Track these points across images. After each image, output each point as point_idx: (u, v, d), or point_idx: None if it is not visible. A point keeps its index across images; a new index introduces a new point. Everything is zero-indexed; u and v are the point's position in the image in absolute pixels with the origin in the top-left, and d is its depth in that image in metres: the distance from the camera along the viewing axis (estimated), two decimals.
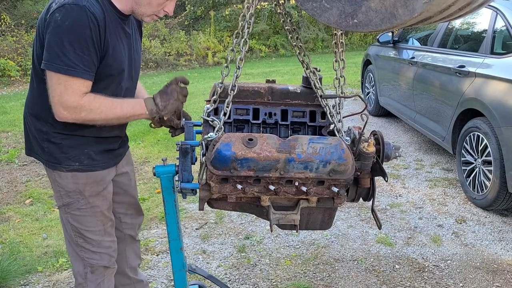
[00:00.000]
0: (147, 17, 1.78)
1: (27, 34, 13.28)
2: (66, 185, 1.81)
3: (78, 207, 1.84)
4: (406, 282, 2.91)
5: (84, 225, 1.86)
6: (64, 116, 1.65)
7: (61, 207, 1.87)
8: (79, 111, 1.64)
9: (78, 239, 1.89)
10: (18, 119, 7.32)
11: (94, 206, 1.86)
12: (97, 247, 1.91)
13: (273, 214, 1.69)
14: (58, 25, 1.58)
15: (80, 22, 1.57)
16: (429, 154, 5.29)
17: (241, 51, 1.69)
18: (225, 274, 2.99)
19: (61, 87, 1.61)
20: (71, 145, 1.78)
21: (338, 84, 1.83)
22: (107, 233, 1.94)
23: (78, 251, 1.91)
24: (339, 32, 1.77)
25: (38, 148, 1.82)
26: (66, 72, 1.59)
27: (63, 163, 1.78)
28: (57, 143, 1.77)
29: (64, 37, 1.57)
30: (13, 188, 4.47)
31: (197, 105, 7.45)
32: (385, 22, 1.29)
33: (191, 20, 16.85)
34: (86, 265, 1.92)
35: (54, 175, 1.82)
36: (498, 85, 3.69)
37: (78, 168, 1.79)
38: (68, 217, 1.86)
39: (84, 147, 1.79)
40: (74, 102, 1.62)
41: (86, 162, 1.80)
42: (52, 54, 1.59)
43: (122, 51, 1.78)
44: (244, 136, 1.56)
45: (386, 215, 3.82)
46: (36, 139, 1.80)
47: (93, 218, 1.87)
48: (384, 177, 1.69)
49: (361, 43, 16.51)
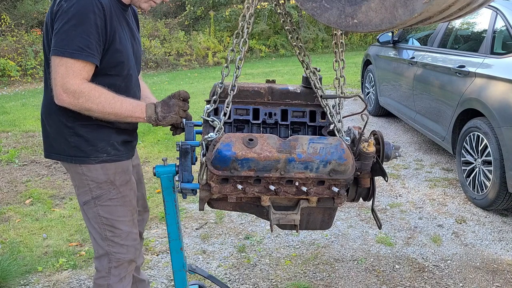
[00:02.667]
0: (145, 3, 1.83)
1: (27, 34, 13.29)
2: (97, 177, 1.83)
3: (109, 197, 1.87)
4: (406, 282, 2.91)
5: (115, 215, 1.90)
6: (62, 99, 1.65)
7: (89, 202, 1.88)
8: (78, 96, 1.64)
9: (107, 233, 1.91)
10: (18, 119, 7.32)
11: (124, 195, 1.90)
12: (125, 239, 1.94)
13: (273, 214, 1.69)
14: (63, 11, 1.62)
15: (84, 7, 1.62)
16: (429, 154, 5.29)
17: (241, 51, 1.70)
18: (225, 274, 3.00)
19: (63, 68, 1.62)
20: (97, 137, 1.81)
21: (338, 84, 1.83)
22: (135, 225, 1.98)
23: (105, 245, 1.93)
24: (339, 32, 1.77)
25: (62, 145, 1.82)
26: (69, 55, 1.61)
27: (92, 155, 1.81)
28: (84, 136, 1.79)
29: (68, 22, 1.61)
30: (13, 188, 4.47)
31: (197, 105, 7.45)
32: (385, 22, 1.30)
33: (191, 20, 16.86)
34: (112, 259, 1.94)
35: (81, 169, 1.83)
36: (498, 85, 3.69)
37: (107, 159, 1.83)
38: (99, 210, 1.88)
39: (109, 137, 1.83)
40: (74, 85, 1.63)
41: (113, 152, 1.85)
42: (57, 40, 1.63)
43: (126, 39, 1.82)
44: (245, 136, 1.56)
45: (386, 215, 3.82)
46: (62, 136, 1.81)
47: (124, 208, 1.91)
48: (384, 177, 1.69)
49: (361, 43, 16.52)
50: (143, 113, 1.76)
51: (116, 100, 1.72)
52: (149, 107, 1.77)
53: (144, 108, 1.77)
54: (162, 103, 1.79)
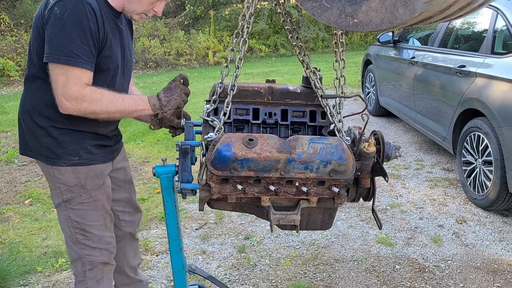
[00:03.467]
0: (137, 15, 1.83)
1: (26, 34, 13.27)
2: (67, 180, 1.82)
3: (80, 201, 1.85)
4: (407, 283, 2.91)
5: (86, 219, 1.87)
6: (66, 107, 1.65)
7: (60, 204, 1.87)
8: (80, 101, 1.64)
9: (78, 236, 1.89)
10: (17, 119, 7.31)
11: (96, 199, 1.87)
12: (98, 242, 1.91)
13: (274, 214, 1.69)
14: (57, 18, 1.61)
15: (78, 13, 1.61)
16: (430, 154, 5.29)
17: (241, 51, 1.69)
18: (225, 275, 2.99)
19: (63, 77, 1.62)
20: (69, 140, 1.79)
21: (338, 84, 1.82)
22: (107, 228, 1.95)
23: (77, 249, 1.91)
24: (339, 32, 1.76)
25: (36, 145, 1.81)
26: (67, 62, 1.61)
27: (63, 158, 1.79)
28: (56, 138, 1.78)
29: (63, 29, 1.60)
30: (13, 188, 4.47)
31: (197, 105, 7.45)
32: (385, 22, 1.29)
33: (190, 20, 16.85)
34: (85, 262, 1.92)
35: (53, 172, 1.82)
36: (498, 85, 3.68)
37: (78, 162, 1.81)
38: (69, 213, 1.86)
39: (82, 141, 1.81)
40: (76, 92, 1.63)
41: (85, 156, 1.82)
42: (53, 47, 1.62)
43: (117, 47, 1.81)
44: (245, 136, 1.56)
45: (387, 215, 3.82)
46: (34, 136, 1.80)
47: (95, 212, 1.88)
48: (385, 177, 1.69)
49: (362, 42, 16.51)
50: (147, 104, 1.77)
51: (118, 97, 1.72)
52: (151, 97, 1.78)
53: (146, 99, 1.78)
54: (164, 89, 1.81)
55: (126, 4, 1.78)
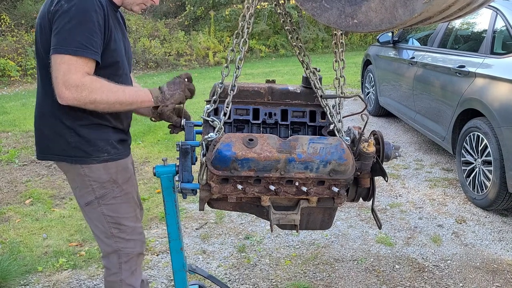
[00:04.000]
0: (136, 6, 1.87)
1: (27, 34, 13.28)
2: (99, 177, 1.84)
3: (113, 196, 1.89)
4: (406, 282, 2.91)
5: (120, 212, 1.92)
6: (66, 97, 1.64)
7: (92, 202, 1.88)
8: (80, 89, 1.63)
9: (113, 230, 1.93)
10: (18, 119, 7.32)
11: (127, 192, 1.93)
12: (131, 234, 1.96)
13: (273, 214, 1.69)
14: (64, 11, 1.63)
15: (86, 5, 1.63)
16: (429, 154, 5.29)
17: (241, 51, 1.70)
18: (225, 274, 3.00)
19: (65, 66, 1.62)
20: (98, 136, 1.81)
21: (338, 84, 1.83)
22: (138, 219, 2.01)
23: (112, 242, 1.94)
24: (339, 32, 1.77)
25: (62, 146, 1.81)
26: (72, 52, 1.62)
27: (93, 155, 1.81)
28: (85, 137, 1.79)
29: (70, 21, 1.62)
30: (13, 188, 4.47)
31: (197, 105, 7.45)
32: (385, 23, 1.30)
33: (191, 20, 16.86)
34: (121, 255, 1.96)
35: (83, 171, 1.83)
36: (498, 85, 3.69)
37: (108, 158, 1.84)
38: (103, 209, 1.89)
39: (108, 137, 1.84)
40: (76, 80, 1.63)
41: (113, 151, 1.86)
42: (59, 39, 1.63)
43: (119, 39, 1.84)
44: (245, 137, 1.56)
45: (386, 215, 3.82)
46: (62, 137, 1.80)
47: (127, 205, 1.94)
48: (384, 177, 1.69)
49: (361, 43, 16.52)
50: (148, 95, 1.79)
51: (118, 88, 1.73)
52: (153, 90, 1.81)
53: (148, 91, 1.80)
54: (168, 83, 1.83)
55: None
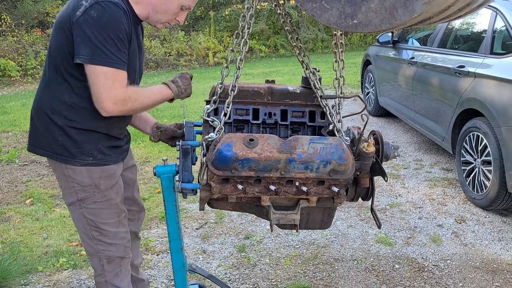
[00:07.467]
0: (161, 24, 1.88)
1: (27, 34, 13.28)
2: (82, 180, 1.84)
3: (94, 201, 1.88)
4: (406, 282, 2.92)
5: (100, 217, 1.90)
6: (112, 110, 1.68)
7: (74, 203, 1.89)
8: (126, 102, 1.69)
9: (94, 233, 1.92)
10: (18, 119, 7.32)
11: (109, 199, 1.91)
12: (113, 238, 1.95)
13: (273, 214, 1.70)
14: (95, 20, 1.63)
15: (117, 17, 1.65)
16: (429, 154, 5.30)
17: (241, 52, 1.70)
18: (225, 274, 3.00)
19: (110, 81, 1.65)
20: (85, 140, 1.81)
21: (338, 84, 1.84)
22: (122, 224, 1.99)
23: (93, 244, 1.94)
24: (338, 33, 1.78)
25: (51, 143, 1.82)
26: (112, 65, 1.64)
27: (77, 157, 1.81)
28: (73, 137, 1.80)
29: (104, 32, 1.63)
30: (14, 188, 4.48)
31: (197, 105, 7.46)
32: (384, 23, 1.30)
33: (191, 21, 16.85)
34: (102, 257, 1.96)
35: (67, 171, 1.83)
36: (497, 85, 3.69)
37: (93, 163, 1.83)
38: (84, 212, 1.89)
39: (97, 142, 1.84)
40: (123, 95, 1.67)
41: (99, 157, 1.85)
42: (94, 49, 1.63)
43: (136, 52, 1.85)
44: (245, 137, 1.57)
45: (386, 215, 3.83)
46: (51, 134, 1.81)
47: (108, 211, 1.92)
48: (384, 177, 1.70)
49: (361, 43, 16.52)
50: (168, 91, 1.86)
51: (148, 91, 1.81)
52: (169, 85, 1.87)
53: (166, 87, 1.86)
54: (179, 76, 1.90)
55: (151, 14, 1.81)
